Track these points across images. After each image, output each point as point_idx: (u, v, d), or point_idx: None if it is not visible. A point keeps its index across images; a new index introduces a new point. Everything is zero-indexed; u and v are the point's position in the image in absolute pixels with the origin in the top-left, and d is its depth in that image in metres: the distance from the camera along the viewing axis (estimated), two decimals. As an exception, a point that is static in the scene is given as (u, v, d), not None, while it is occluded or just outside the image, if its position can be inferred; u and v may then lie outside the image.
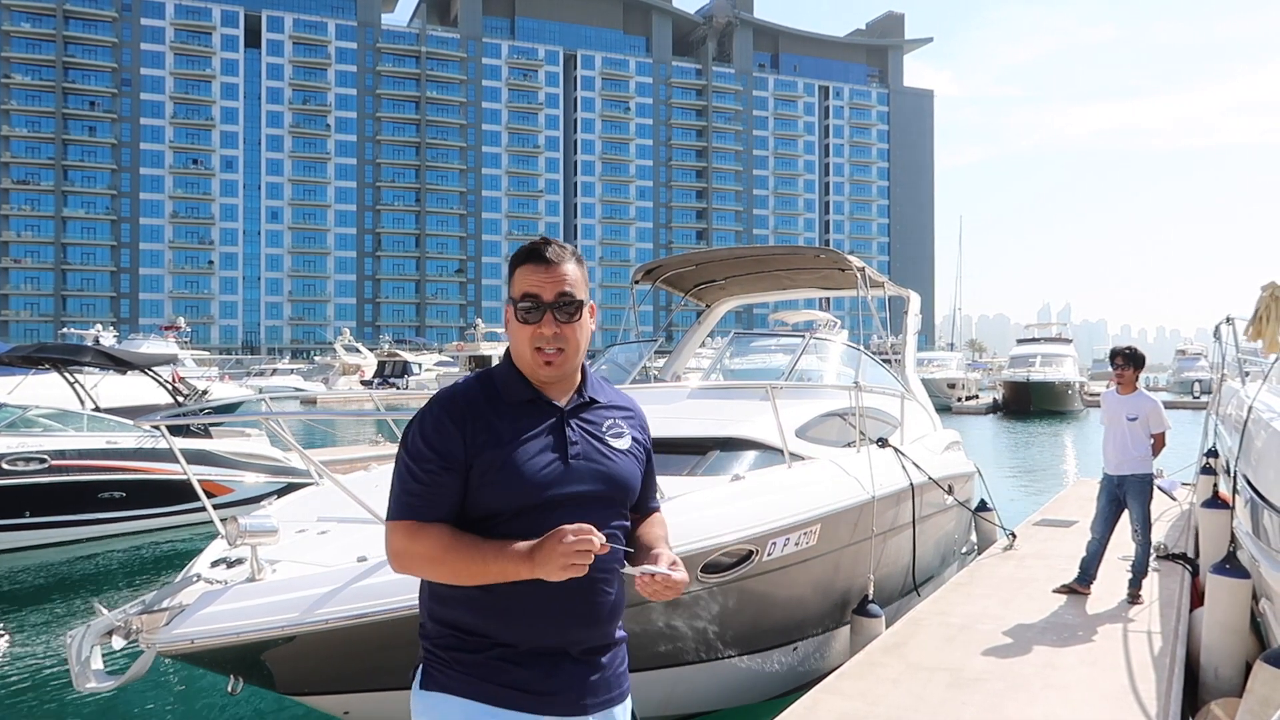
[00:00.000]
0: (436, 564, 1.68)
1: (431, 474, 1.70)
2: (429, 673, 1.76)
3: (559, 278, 1.78)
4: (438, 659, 1.75)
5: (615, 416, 1.89)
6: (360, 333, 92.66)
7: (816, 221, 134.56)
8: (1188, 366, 50.77)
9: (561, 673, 1.73)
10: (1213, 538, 6.75)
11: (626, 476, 1.83)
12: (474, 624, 1.72)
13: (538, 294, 1.76)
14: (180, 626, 3.22)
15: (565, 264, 1.79)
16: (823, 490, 5.20)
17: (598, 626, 1.77)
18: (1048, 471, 19.62)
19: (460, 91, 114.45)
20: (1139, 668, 4.64)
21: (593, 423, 1.84)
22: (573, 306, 1.78)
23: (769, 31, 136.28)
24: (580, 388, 1.86)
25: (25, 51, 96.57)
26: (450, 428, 1.72)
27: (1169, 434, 6.07)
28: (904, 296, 9.22)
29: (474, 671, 1.71)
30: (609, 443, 1.83)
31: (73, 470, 10.07)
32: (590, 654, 1.77)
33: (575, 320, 1.79)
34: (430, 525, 1.69)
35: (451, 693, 1.72)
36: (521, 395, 1.80)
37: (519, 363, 1.82)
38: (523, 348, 1.79)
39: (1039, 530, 8.46)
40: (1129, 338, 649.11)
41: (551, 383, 1.82)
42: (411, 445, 1.74)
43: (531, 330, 1.77)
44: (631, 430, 1.90)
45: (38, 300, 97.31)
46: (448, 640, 1.74)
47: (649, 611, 4.27)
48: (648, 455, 1.95)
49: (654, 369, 8.71)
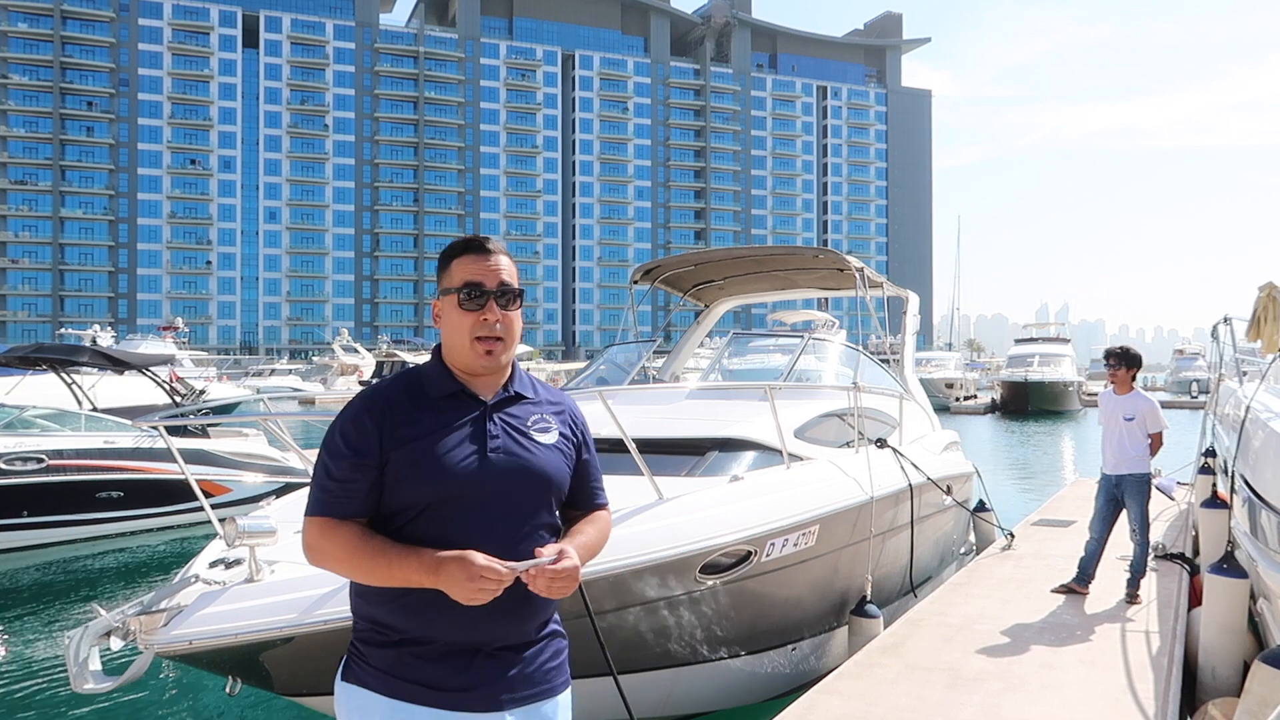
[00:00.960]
0: (344, 563, 1.68)
1: (346, 470, 1.70)
2: (349, 665, 1.79)
3: (499, 267, 1.82)
4: (357, 652, 1.77)
5: (543, 411, 1.87)
6: (358, 333, 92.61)
7: (815, 221, 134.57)
8: (1185, 366, 50.80)
9: (474, 669, 1.72)
10: (1211, 537, 6.76)
11: (550, 472, 1.80)
12: (388, 620, 1.72)
13: (480, 281, 1.79)
14: (178, 627, 3.21)
15: (502, 256, 1.83)
16: (821, 491, 5.20)
17: (512, 625, 1.75)
18: (1046, 471, 19.63)
19: (458, 92, 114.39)
20: (1137, 667, 4.64)
21: (517, 417, 1.82)
22: (513, 295, 1.82)
23: (767, 32, 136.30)
24: (507, 383, 1.85)
25: (23, 52, 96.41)
26: (367, 424, 1.72)
27: (1167, 434, 6.08)
28: (902, 297, 9.23)
29: (387, 667, 1.72)
30: (533, 437, 1.81)
31: (70, 470, 10.06)
32: (506, 650, 1.75)
33: (515, 309, 1.83)
34: (342, 524, 1.69)
35: (366, 686, 1.73)
36: (445, 389, 1.80)
37: (453, 354, 1.82)
38: (461, 337, 1.79)
39: (1037, 530, 8.47)
40: (1127, 337, 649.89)
41: (486, 374, 1.82)
42: (329, 442, 1.75)
43: (474, 318, 1.78)
44: (560, 425, 1.87)
45: (35, 301, 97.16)
46: (367, 634, 1.76)
47: (649, 612, 4.27)
48: (580, 450, 1.92)
49: (653, 369, 8.71)
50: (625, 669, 4.16)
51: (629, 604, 4.15)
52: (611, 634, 4.06)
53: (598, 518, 1.93)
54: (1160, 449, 5.98)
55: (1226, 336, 9.59)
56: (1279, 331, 7.22)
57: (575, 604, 3.77)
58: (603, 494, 1.99)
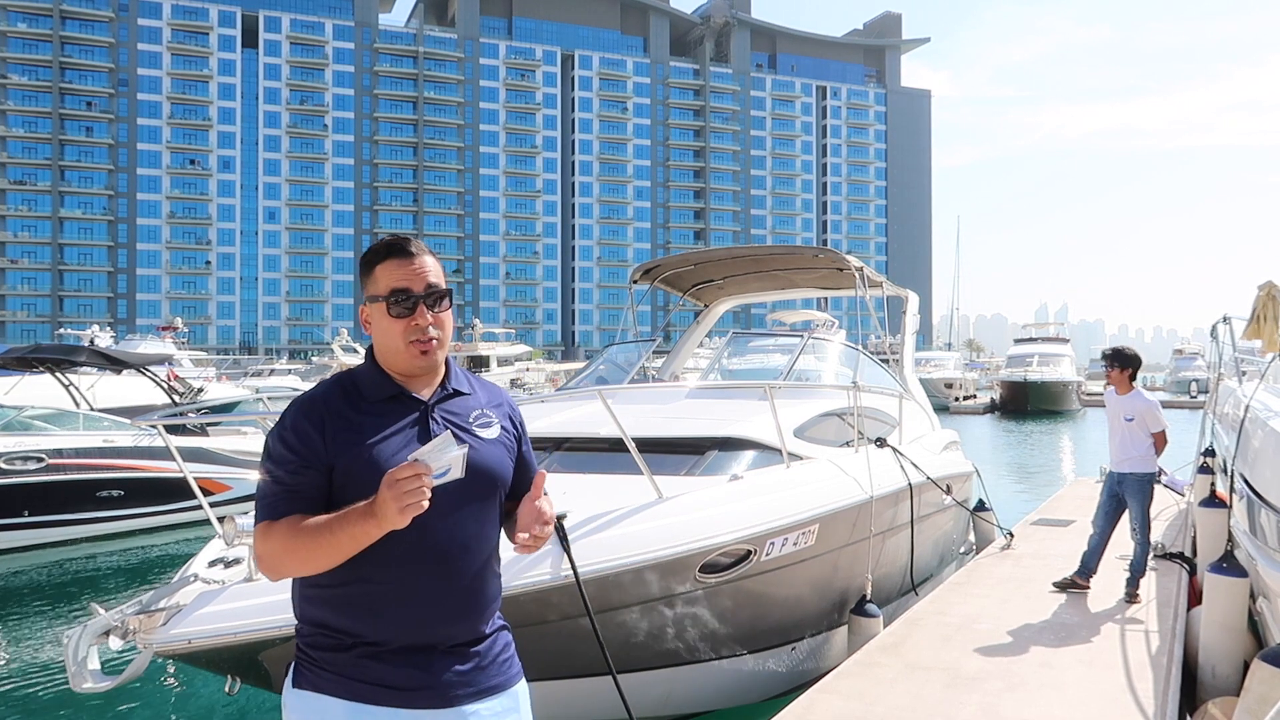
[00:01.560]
0: (291, 554, 1.63)
1: (291, 473, 1.68)
2: (300, 670, 1.76)
3: (424, 269, 1.80)
4: (308, 658, 1.75)
5: (482, 406, 1.88)
6: (358, 333, 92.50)
7: (814, 221, 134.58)
8: (1185, 366, 50.80)
9: (431, 667, 1.72)
10: (1210, 537, 6.75)
11: (495, 466, 1.81)
12: (339, 623, 1.71)
13: (407, 287, 1.78)
14: (177, 627, 3.21)
15: (426, 256, 1.83)
16: (821, 490, 5.20)
17: (464, 622, 1.75)
18: (1045, 471, 19.64)
19: (458, 92, 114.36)
20: (1136, 667, 4.64)
21: (458, 414, 1.82)
22: (441, 295, 1.81)
23: (766, 32, 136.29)
24: (444, 380, 1.85)
25: (22, 52, 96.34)
26: (308, 429, 1.70)
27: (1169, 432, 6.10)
28: (902, 296, 9.23)
29: (341, 670, 1.70)
30: (476, 433, 1.81)
31: (70, 469, 10.06)
32: (460, 646, 1.76)
33: (445, 309, 1.82)
34: (279, 520, 1.66)
35: (321, 691, 1.71)
36: (384, 392, 1.78)
37: (386, 358, 1.81)
38: (395, 342, 1.77)
39: (1036, 530, 8.47)
40: (1126, 337, 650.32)
41: (420, 374, 1.81)
42: (271, 449, 1.72)
43: (405, 323, 1.77)
44: (501, 419, 1.88)
45: (34, 301, 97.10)
46: (317, 639, 1.74)
47: (649, 611, 4.27)
48: (519, 442, 1.93)
49: (652, 369, 8.71)
50: (625, 668, 4.16)
51: (629, 603, 4.14)
52: (611, 633, 4.05)
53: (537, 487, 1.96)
54: (1165, 447, 6.00)
55: (1226, 336, 9.60)
56: (1278, 330, 7.23)
57: (575, 604, 3.77)
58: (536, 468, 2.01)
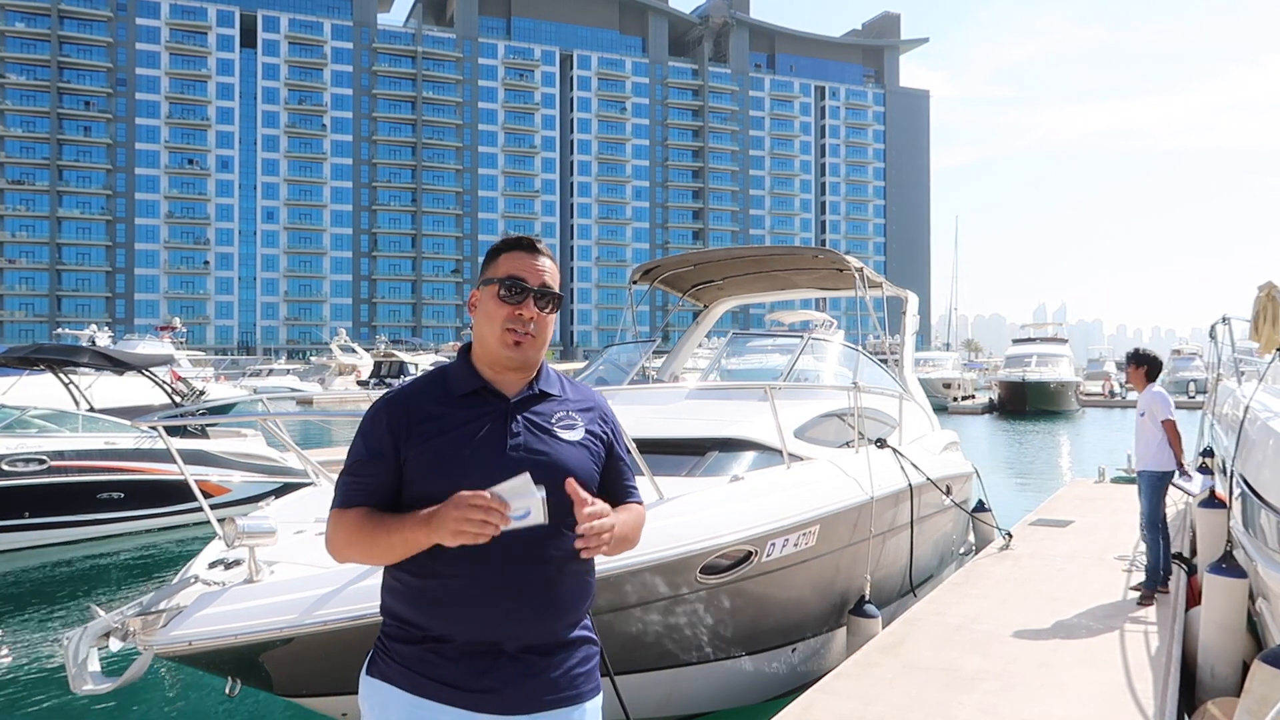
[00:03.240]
0: (354, 545, 1.70)
1: (360, 466, 1.75)
2: (374, 660, 1.79)
3: (544, 269, 1.84)
4: (382, 648, 1.78)
5: (570, 409, 1.85)
6: (356, 333, 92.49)
7: (813, 221, 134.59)
8: (1183, 366, 50.79)
9: (495, 671, 1.70)
10: (1209, 537, 6.76)
11: (572, 467, 1.76)
12: (411, 616, 1.73)
13: (524, 277, 1.80)
14: (178, 628, 3.21)
15: (549, 259, 1.86)
16: (822, 491, 5.20)
17: (537, 624, 1.72)
18: (1044, 471, 19.65)
19: (456, 92, 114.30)
20: (1135, 667, 4.65)
21: (541, 414, 1.81)
22: (552, 298, 1.83)
23: (765, 32, 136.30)
24: (533, 381, 1.85)
25: (20, 51, 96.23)
26: (383, 421, 1.75)
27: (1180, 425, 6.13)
28: (901, 297, 9.23)
29: (409, 664, 1.72)
30: (557, 434, 1.79)
31: (71, 471, 10.06)
32: (529, 652, 1.72)
33: (552, 312, 1.84)
34: (350, 510, 1.71)
35: (389, 682, 1.74)
36: (469, 386, 1.80)
37: (481, 347, 1.83)
38: (493, 327, 1.79)
39: (1035, 530, 8.48)
40: (1124, 337, 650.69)
41: (512, 369, 1.81)
42: (354, 438, 1.80)
43: (510, 310, 1.78)
44: (587, 423, 1.85)
45: (33, 300, 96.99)
46: (392, 630, 1.77)
47: (649, 612, 4.27)
48: (609, 448, 1.89)
49: (652, 369, 8.71)
50: (626, 669, 4.17)
51: (629, 604, 4.15)
52: (612, 634, 4.06)
53: (631, 508, 1.89)
54: (1180, 441, 6.03)
55: (1225, 336, 9.61)
56: (1276, 331, 7.23)
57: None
58: (637, 493, 1.94)
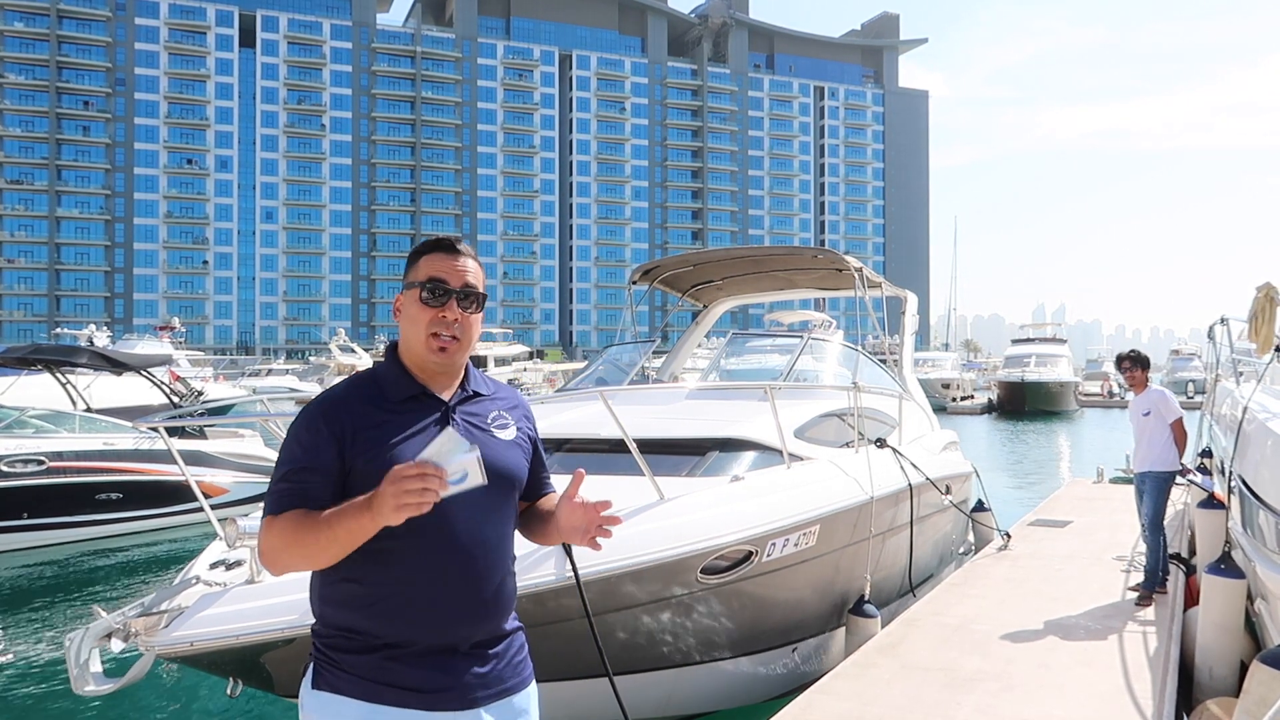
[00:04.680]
0: (291, 547, 1.63)
1: (297, 472, 1.68)
2: (319, 672, 1.75)
3: (466, 269, 1.83)
4: (327, 659, 1.74)
5: (499, 408, 1.90)
6: (355, 333, 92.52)
7: (812, 222, 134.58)
8: (1182, 367, 50.88)
9: (452, 668, 1.72)
10: (1208, 537, 6.77)
11: (513, 468, 1.84)
12: (360, 625, 1.70)
13: (445, 279, 1.80)
14: (179, 629, 3.21)
15: (470, 259, 1.85)
16: (822, 491, 5.20)
17: (485, 622, 1.76)
18: (1042, 471, 19.67)
19: (455, 91, 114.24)
20: (1134, 667, 4.66)
21: (478, 415, 1.85)
22: (476, 298, 1.84)
23: (764, 32, 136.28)
24: (464, 382, 1.87)
25: (19, 51, 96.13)
26: (322, 429, 1.71)
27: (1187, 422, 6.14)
28: (901, 297, 9.24)
29: (362, 672, 1.69)
30: (494, 434, 1.84)
31: (70, 472, 10.05)
32: (480, 647, 1.77)
33: (476, 312, 1.85)
34: (281, 515, 1.65)
35: (341, 693, 1.70)
36: (406, 392, 1.79)
37: (408, 353, 1.83)
38: (418, 331, 1.79)
39: (1034, 530, 8.49)
40: (1123, 338, 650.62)
41: (439, 373, 1.82)
42: (284, 447, 1.74)
43: (433, 314, 1.79)
44: (516, 420, 1.91)
45: (31, 300, 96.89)
46: (337, 641, 1.73)
47: (650, 612, 4.27)
48: (534, 444, 1.97)
49: (651, 370, 8.71)
50: (626, 669, 4.17)
51: (630, 604, 4.15)
52: (612, 635, 4.06)
53: (553, 500, 1.99)
54: (1186, 440, 6.03)
55: (1223, 337, 9.61)
56: (1274, 332, 7.24)
57: (575, 604, 3.77)
58: (550, 483, 2.03)
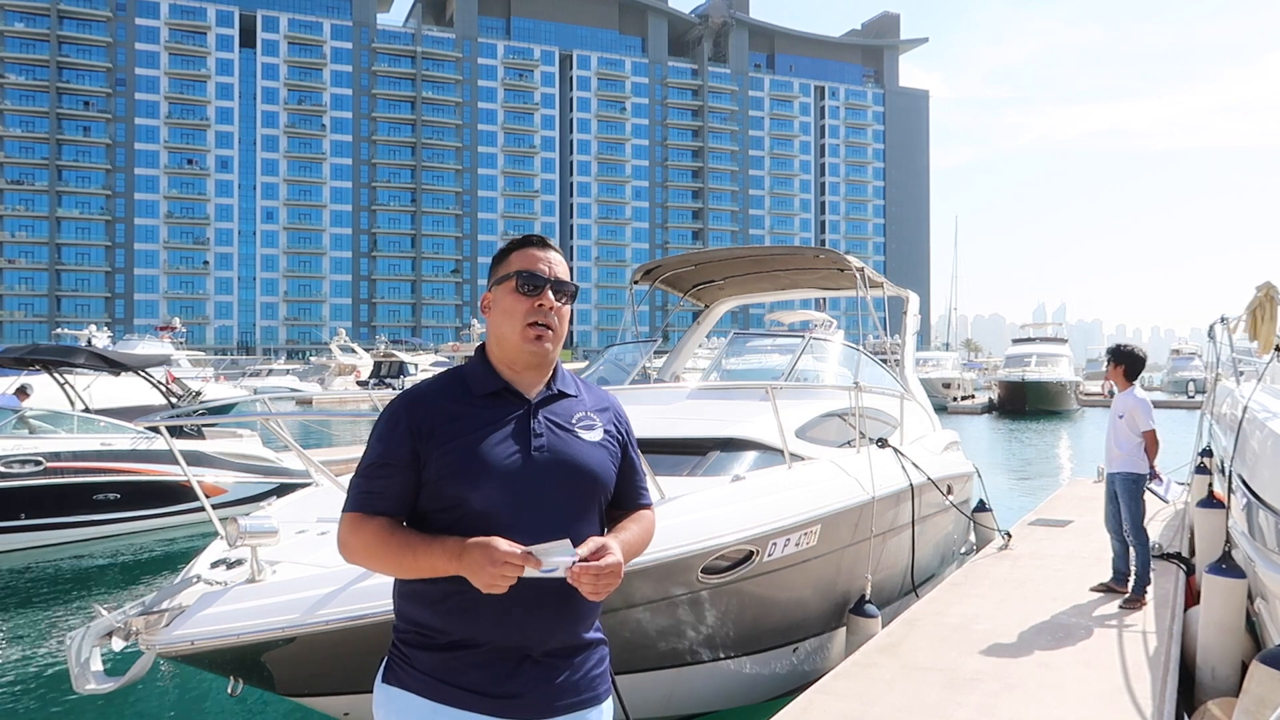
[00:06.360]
0: (373, 557, 1.68)
1: (378, 468, 1.71)
2: (390, 667, 1.76)
3: (556, 263, 1.84)
4: (399, 654, 1.75)
5: (587, 409, 1.85)
6: (356, 333, 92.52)
7: (812, 221, 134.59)
8: (1182, 366, 50.88)
9: (521, 675, 1.69)
10: (1208, 537, 6.77)
11: (595, 469, 1.78)
12: (434, 622, 1.70)
13: (540, 270, 1.80)
14: (180, 628, 3.21)
15: (558, 254, 1.86)
16: (823, 491, 5.20)
17: (561, 629, 1.72)
18: (1043, 471, 19.66)
19: (456, 92, 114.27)
20: (1134, 667, 4.65)
21: (561, 414, 1.81)
22: (568, 290, 1.83)
23: (764, 32, 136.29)
24: (550, 381, 1.84)
25: (19, 51, 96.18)
26: (402, 423, 1.72)
27: (1164, 433, 6.08)
28: (902, 297, 9.23)
29: (431, 670, 1.69)
30: (578, 434, 1.79)
31: (68, 472, 10.04)
32: (553, 656, 1.72)
33: (568, 304, 1.84)
34: (371, 519, 1.68)
35: (408, 689, 1.71)
36: (489, 387, 1.78)
37: (501, 345, 1.81)
38: (514, 323, 1.78)
39: (1034, 530, 8.48)
40: (1124, 337, 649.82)
41: (528, 369, 1.81)
42: (370, 439, 1.77)
43: (529, 303, 1.78)
44: (605, 423, 1.86)
45: (32, 301, 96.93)
46: (410, 637, 1.73)
47: (651, 612, 4.27)
48: (625, 449, 1.90)
49: (652, 369, 8.71)
50: (627, 669, 4.17)
51: (630, 604, 4.15)
52: (613, 635, 4.04)
53: (641, 517, 1.90)
54: (1156, 448, 5.95)
55: (1223, 336, 9.60)
56: (1275, 331, 7.24)
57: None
58: (647, 494, 1.96)
